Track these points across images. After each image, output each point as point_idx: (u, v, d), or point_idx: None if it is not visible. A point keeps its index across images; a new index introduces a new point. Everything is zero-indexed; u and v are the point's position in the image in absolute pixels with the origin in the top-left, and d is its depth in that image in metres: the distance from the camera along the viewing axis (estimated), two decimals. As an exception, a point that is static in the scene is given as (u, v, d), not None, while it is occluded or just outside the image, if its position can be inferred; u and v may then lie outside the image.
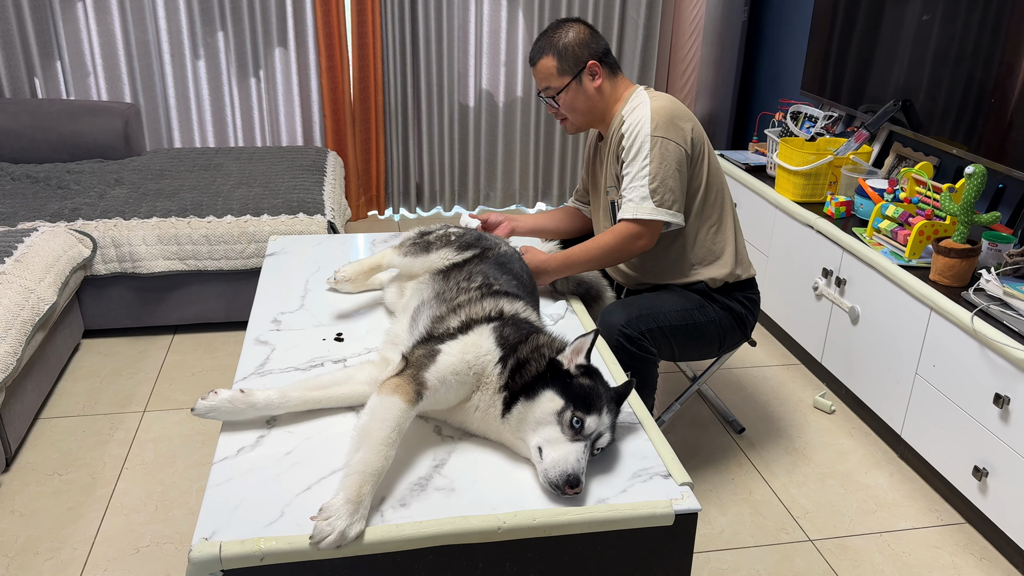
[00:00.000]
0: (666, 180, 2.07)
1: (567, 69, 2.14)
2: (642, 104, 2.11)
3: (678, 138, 2.08)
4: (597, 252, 2.15)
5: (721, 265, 2.23)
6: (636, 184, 2.08)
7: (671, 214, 2.09)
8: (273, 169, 3.56)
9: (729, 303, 2.23)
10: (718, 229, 2.22)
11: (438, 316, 1.77)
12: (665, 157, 2.06)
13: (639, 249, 2.16)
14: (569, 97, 2.16)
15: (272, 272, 2.39)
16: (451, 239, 2.10)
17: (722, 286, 2.23)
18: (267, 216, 3.06)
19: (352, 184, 4.31)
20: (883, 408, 2.54)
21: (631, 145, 2.08)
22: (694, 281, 2.23)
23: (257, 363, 1.92)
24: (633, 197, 2.08)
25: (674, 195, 2.09)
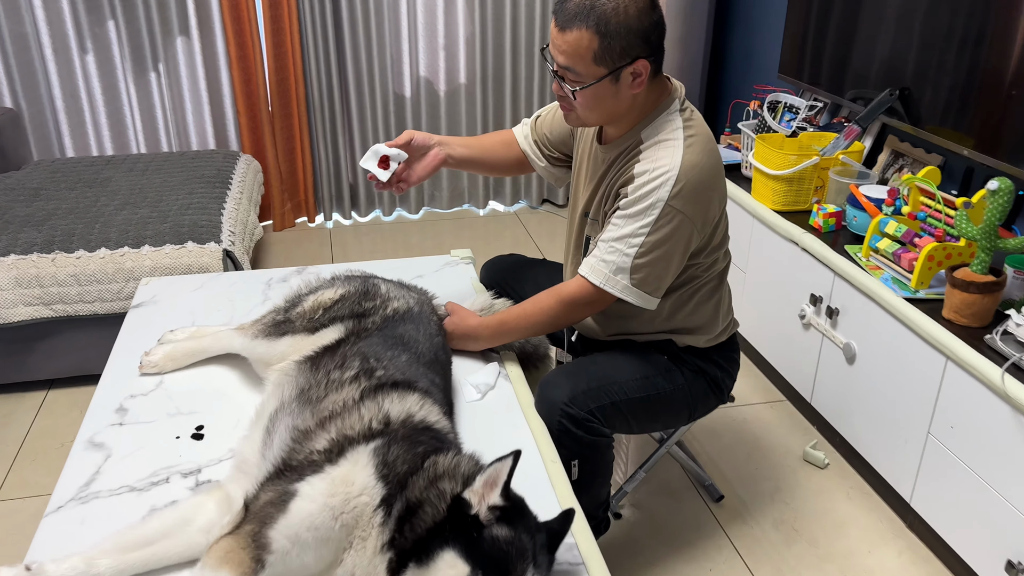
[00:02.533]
0: (658, 263, 1.60)
1: (608, 59, 1.51)
2: (672, 148, 1.58)
3: (698, 217, 1.60)
4: (540, 320, 1.71)
5: (702, 333, 1.78)
6: (620, 247, 1.60)
7: (644, 298, 1.64)
8: (168, 183, 3.05)
9: (703, 365, 1.78)
10: (708, 298, 1.77)
11: (300, 431, 1.31)
12: (671, 236, 1.58)
13: (590, 314, 1.72)
14: (592, 95, 1.56)
15: (132, 333, 1.92)
16: (315, 317, 1.64)
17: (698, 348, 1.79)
18: (148, 248, 2.55)
19: (274, 190, 3.80)
20: (887, 468, 2.12)
21: (638, 197, 1.58)
22: (663, 340, 1.77)
23: (82, 480, 1.47)
24: (608, 259, 1.61)
25: (659, 283, 1.63)
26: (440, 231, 3.92)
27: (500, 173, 2.01)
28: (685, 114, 1.62)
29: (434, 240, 3.82)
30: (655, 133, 1.61)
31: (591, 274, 1.63)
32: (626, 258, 1.59)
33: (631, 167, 1.61)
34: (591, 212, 1.74)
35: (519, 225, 4.00)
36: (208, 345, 1.78)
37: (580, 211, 1.78)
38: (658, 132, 1.60)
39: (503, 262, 2.17)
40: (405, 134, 1.78)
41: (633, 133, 1.64)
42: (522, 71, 3.92)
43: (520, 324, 1.73)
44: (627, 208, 1.59)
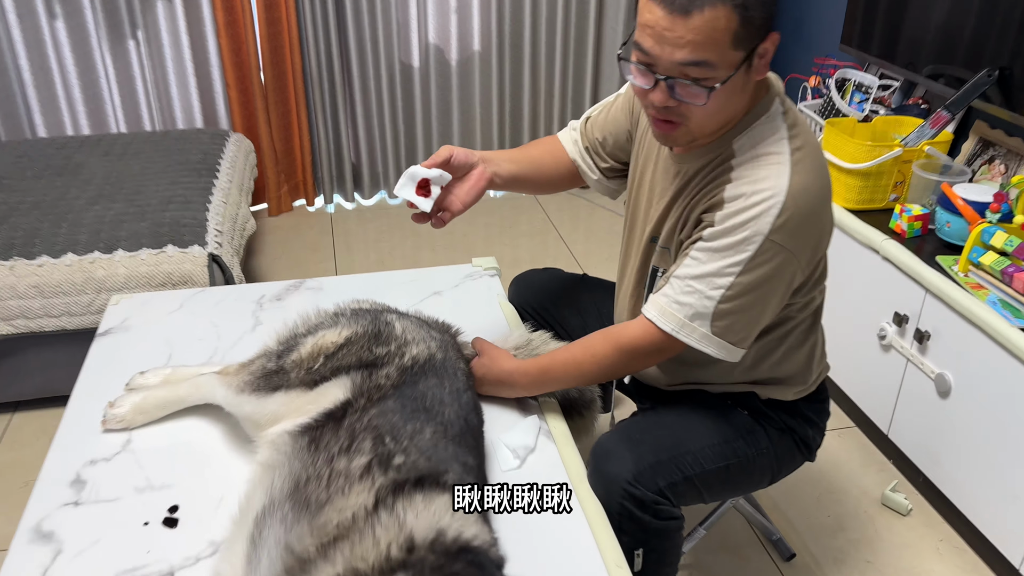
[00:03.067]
0: (750, 309, 1.26)
1: (747, 37, 1.15)
2: (776, 166, 1.22)
3: (804, 253, 1.26)
4: (591, 369, 1.38)
5: (791, 384, 1.45)
6: (702, 287, 1.26)
7: (727, 349, 1.30)
8: (148, 170, 2.69)
9: (791, 422, 1.46)
10: (800, 343, 1.43)
11: (295, 557, 1.00)
12: (769, 277, 1.24)
13: (654, 364, 1.40)
14: (726, 93, 1.19)
15: (96, 372, 1.60)
16: (314, 367, 1.31)
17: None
18: (122, 253, 2.21)
19: (269, 171, 3.43)
20: (990, 525, 1.80)
21: (730, 228, 1.23)
22: (743, 393, 1.45)
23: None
24: (684, 300, 1.27)
25: (748, 332, 1.30)
26: (452, 216, 3.57)
27: (550, 190, 1.65)
28: (789, 118, 1.26)
29: (445, 227, 3.46)
30: (753, 144, 1.25)
31: (661, 318, 1.29)
32: (708, 301, 1.25)
33: (719, 188, 1.26)
34: (660, 238, 1.39)
35: (538, 209, 3.64)
36: (185, 394, 1.46)
37: (645, 235, 1.43)
38: (756, 143, 1.25)
39: (536, 280, 1.83)
40: (443, 151, 1.40)
41: (722, 142, 1.28)
42: (542, 37, 3.52)
43: (567, 373, 1.41)
44: (713, 240, 1.24)
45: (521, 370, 1.42)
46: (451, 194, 1.41)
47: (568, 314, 1.75)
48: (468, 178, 1.43)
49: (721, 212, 1.23)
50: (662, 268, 1.38)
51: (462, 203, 1.41)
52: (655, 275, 1.41)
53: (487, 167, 1.45)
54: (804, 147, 1.24)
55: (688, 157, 1.32)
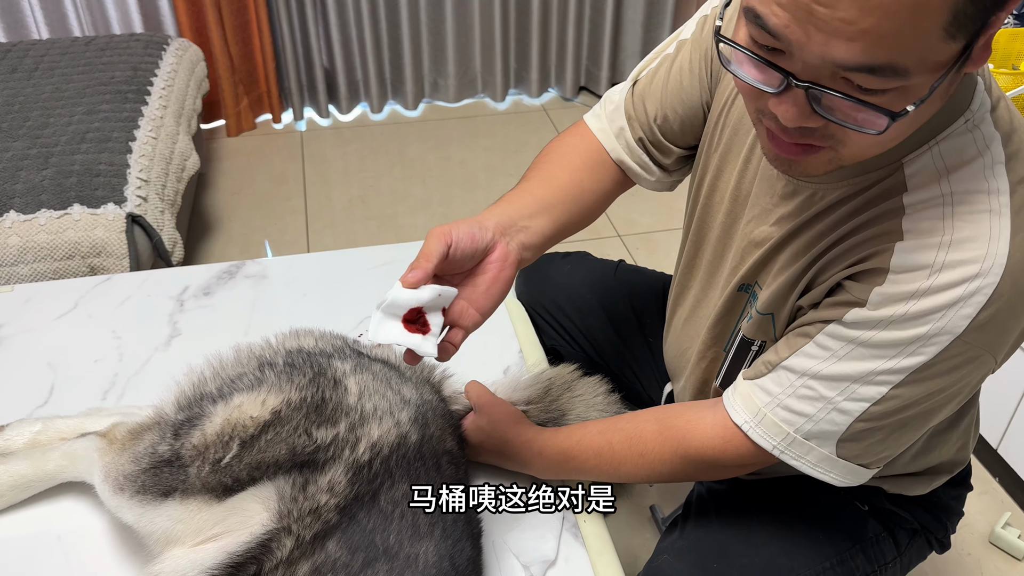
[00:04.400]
0: (900, 431, 0.78)
1: (967, 20, 0.58)
2: (988, 217, 0.69)
3: (1000, 350, 0.74)
4: (631, 471, 0.94)
5: (934, 475, 0.98)
6: (833, 395, 0.77)
7: (853, 473, 0.83)
8: (62, 91, 2.14)
9: (926, 518, 1.01)
10: (951, 426, 0.94)
11: None
12: (947, 388, 0.75)
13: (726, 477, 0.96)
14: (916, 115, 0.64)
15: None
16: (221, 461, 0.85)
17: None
18: (15, 215, 1.70)
19: (225, 82, 2.86)
20: None
21: (899, 318, 0.72)
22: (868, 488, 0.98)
23: None
24: (801, 412, 0.79)
25: (888, 455, 0.82)
26: (446, 135, 3.02)
27: (599, 215, 1.07)
28: (1001, 121, 0.73)
29: (438, 150, 2.92)
30: (942, 172, 0.72)
31: (757, 429, 0.82)
32: (842, 417, 0.77)
33: (881, 246, 0.74)
34: (760, 297, 0.87)
35: (548, 126, 3.08)
36: (54, 470, 1.02)
37: (731, 279, 0.91)
38: (948, 170, 0.71)
39: (554, 272, 1.33)
40: (433, 241, 0.81)
41: (885, 158, 0.75)
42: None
43: (599, 467, 0.95)
44: (865, 329, 0.74)
45: (534, 448, 0.97)
46: (460, 299, 0.85)
47: (597, 325, 1.27)
48: (484, 268, 0.87)
49: (883, 288, 0.72)
50: (759, 341, 0.88)
51: (480, 312, 0.86)
52: (747, 348, 0.91)
53: (509, 241, 0.89)
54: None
55: (824, 177, 0.80)
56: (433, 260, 0.80)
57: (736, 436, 0.83)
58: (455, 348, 0.86)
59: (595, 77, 3.26)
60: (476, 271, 0.87)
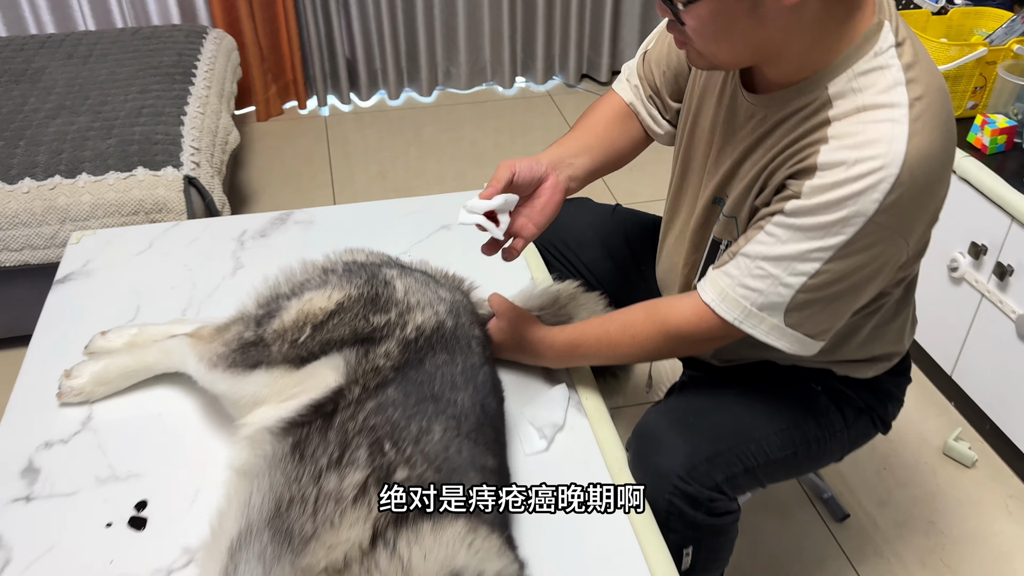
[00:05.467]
0: (834, 302, 1.00)
1: None
2: (888, 123, 0.92)
3: (914, 231, 0.98)
4: (630, 352, 1.15)
5: (876, 363, 1.21)
6: (778, 272, 0.99)
7: (800, 343, 1.04)
8: (115, 76, 2.38)
9: (871, 399, 1.23)
10: (890, 319, 1.18)
11: None
12: (867, 265, 0.97)
13: (704, 352, 1.19)
14: (709, 14, 0.92)
15: (52, 328, 1.41)
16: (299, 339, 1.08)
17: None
18: (86, 177, 1.94)
19: (256, 70, 3.10)
20: (1071, 484, 1.61)
21: (823, 206, 0.94)
22: (818, 371, 1.21)
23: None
24: (754, 285, 1.01)
25: (829, 325, 1.04)
26: (458, 119, 3.25)
27: (625, 163, 1.35)
28: (904, 54, 0.95)
29: (451, 132, 3.15)
30: (857, 90, 0.95)
31: (722, 304, 1.04)
32: (785, 290, 0.99)
33: (812, 149, 0.96)
34: (727, 204, 1.12)
35: (553, 110, 3.32)
36: (153, 362, 1.24)
37: (706, 194, 1.15)
38: (862, 89, 0.95)
39: (560, 214, 1.56)
40: (502, 171, 1.11)
41: (814, 85, 0.98)
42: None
43: (600, 352, 1.18)
44: (800, 216, 0.96)
45: (546, 341, 1.20)
46: (521, 216, 1.15)
47: (597, 257, 1.49)
48: (540, 193, 1.16)
49: (812, 182, 0.95)
50: (726, 240, 1.12)
51: (536, 225, 1.15)
52: (717, 248, 1.14)
53: (559, 173, 1.18)
54: (926, 95, 0.93)
55: (769, 100, 1.03)
56: (501, 183, 1.09)
57: (706, 313, 1.05)
58: (518, 253, 1.15)
59: (596, 65, 3.49)
60: (533, 195, 1.16)
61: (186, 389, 1.23)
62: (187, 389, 1.23)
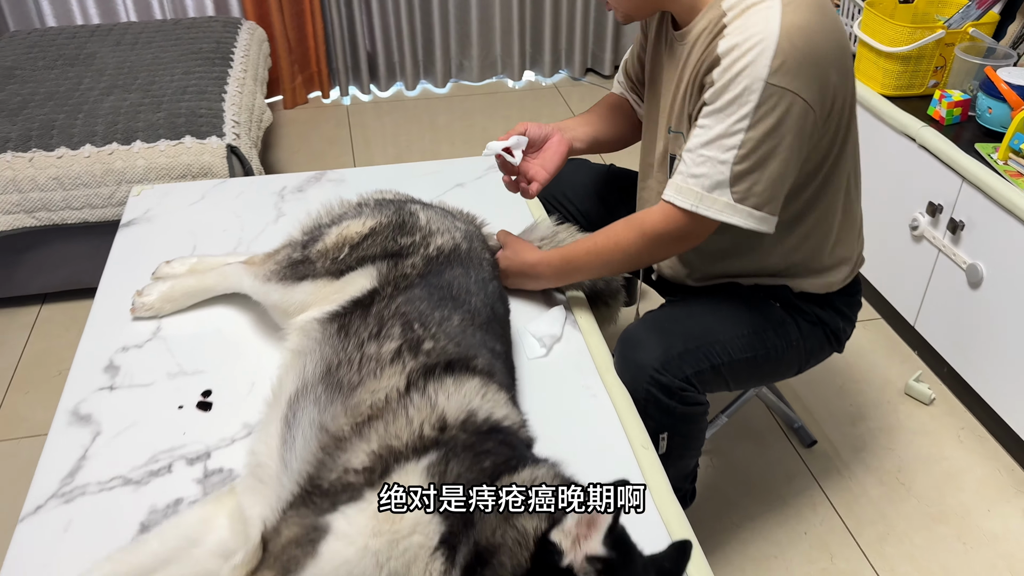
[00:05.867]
0: (766, 166, 1.20)
1: None
2: (766, 10, 1.17)
3: (811, 91, 1.19)
4: (615, 256, 1.35)
5: (827, 274, 1.42)
6: (713, 153, 1.21)
7: (755, 217, 1.24)
8: (161, 60, 2.63)
9: (821, 314, 1.44)
10: (830, 229, 1.39)
11: (329, 435, 1.01)
12: (780, 125, 1.18)
13: (683, 250, 1.36)
14: None
15: (121, 261, 1.62)
16: (339, 256, 1.30)
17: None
18: (140, 144, 2.18)
19: (283, 61, 3.34)
20: (1012, 412, 1.81)
21: (728, 82, 1.19)
22: (773, 282, 1.42)
23: (65, 469, 1.21)
24: (699, 172, 1.23)
25: (773, 192, 1.23)
26: (470, 108, 3.48)
27: (625, 144, 1.66)
28: None
29: (464, 120, 3.39)
30: (739, 5, 1.20)
31: (679, 196, 1.26)
32: (723, 166, 1.21)
33: (714, 47, 1.20)
34: (673, 124, 1.35)
35: (559, 100, 3.55)
36: (213, 283, 1.46)
37: (664, 128, 1.39)
38: (744, 1, 1.20)
39: (561, 171, 1.79)
40: (519, 125, 1.47)
41: (713, 6, 1.24)
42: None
43: (590, 262, 1.39)
44: (715, 100, 1.20)
45: (544, 261, 1.41)
46: (534, 164, 1.46)
47: (593, 206, 1.72)
48: (548, 146, 1.48)
49: (717, 69, 1.19)
50: (679, 153, 1.34)
51: (547, 171, 1.45)
52: (673, 162, 1.37)
53: (564, 133, 1.50)
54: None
55: (686, 32, 1.29)
56: (517, 131, 1.43)
57: (671, 210, 1.27)
58: (535, 193, 1.45)
59: (600, 59, 3.72)
60: (543, 147, 1.48)
61: (241, 307, 1.45)
62: (242, 307, 1.45)
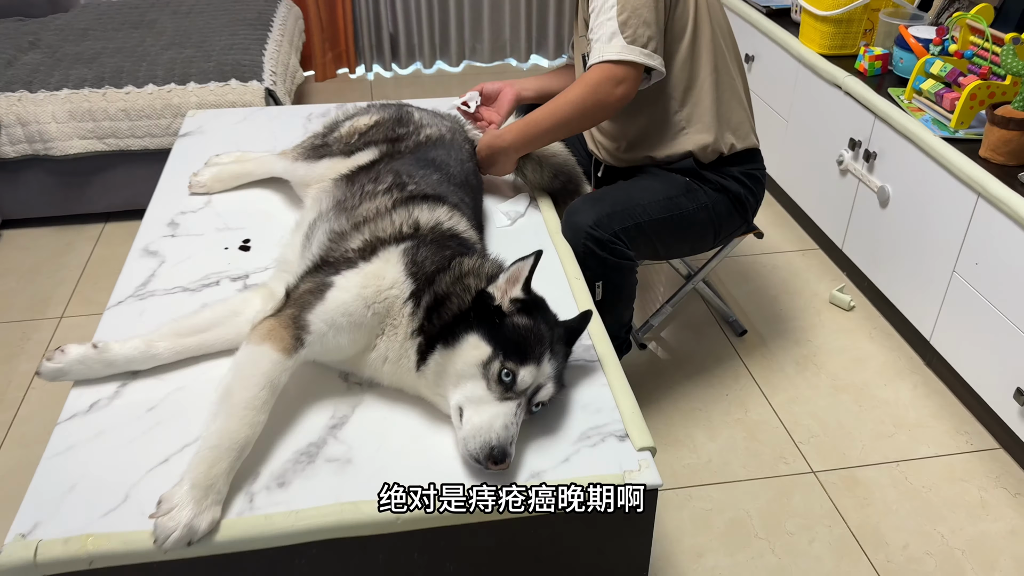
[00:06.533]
0: (638, 10, 1.61)
1: None
2: None
3: None
4: (566, 110, 1.67)
5: (711, 129, 1.78)
6: (603, 20, 1.63)
7: (646, 54, 1.62)
8: (211, 25, 3.07)
9: (723, 182, 1.81)
10: (712, 83, 1.77)
11: (336, 233, 1.39)
12: None
13: (617, 99, 1.65)
14: None
15: (181, 158, 2.01)
16: (351, 141, 1.69)
17: (715, 160, 1.80)
18: (194, 84, 2.61)
19: (315, 38, 3.78)
20: (911, 308, 2.16)
21: None
22: (680, 154, 1.80)
23: (139, 282, 1.58)
24: (600, 36, 1.63)
25: (649, 30, 1.62)
26: (481, 84, 3.89)
27: None
28: None
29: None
30: None
31: (595, 55, 1.64)
32: (609, 22, 1.62)
33: None
34: (579, 32, 1.82)
35: (561, 79, 3.95)
36: (252, 168, 1.85)
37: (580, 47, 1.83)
38: None
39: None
40: (476, 87, 1.97)
41: None
42: (568, -86, 3.77)
43: (547, 121, 1.70)
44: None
45: (508, 128, 1.76)
46: (489, 111, 1.95)
47: None
48: (501, 97, 1.96)
49: None
50: (586, 52, 1.74)
51: (499, 114, 1.94)
52: (586, 59, 1.75)
53: (512, 87, 1.96)
54: None
55: None
56: (474, 90, 1.89)
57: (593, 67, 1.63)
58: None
59: (600, 45, 4.12)
60: (498, 98, 1.94)
61: (274, 189, 1.84)
62: (275, 189, 1.84)
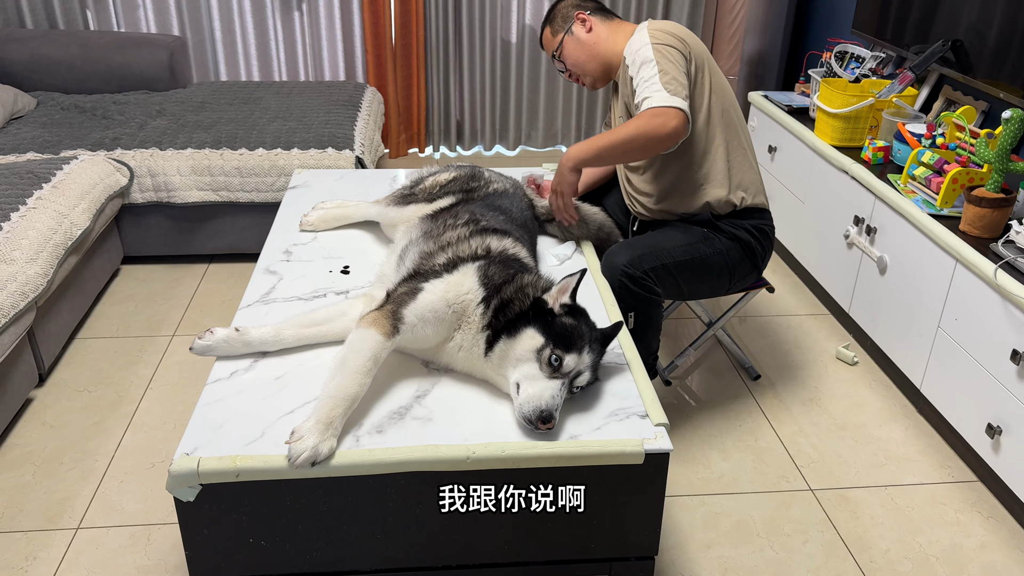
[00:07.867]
0: (676, 77, 2.01)
1: (559, 28, 2.26)
2: (640, 30, 2.10)
3: (677, 43, 2.07)
4: (624, 134, 2.01)
5: (724, 185, 2.17)
6: (648, 83, 2.02)
7: (679, 101, 1.98)
8: (310, 104, 3.59)
9: (736, 232, 2.18)
10: (725, 149, 2.17)
11: (426, 253, 1.79)
12: (669, 56, 2.03)
13: (668, 133, 1.96)
14: (568, 51, 2.24)
15: (291, 204, 2.44)
16: (433, 192, 2.11)
17: (729, 213, 2.19)
18: (297, 150, 3.10)
19: (392, 121, 4.31)
20: (904, 361, 2.47)
21: (635, 60, 2.06)
22: (699, 207, 2.18)
23: (263, 291, 1.98)
24: (648, 94, 2.00)
25: (684, 88, 2.01)
26: (534, 167, 4.36)
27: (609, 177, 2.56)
28: (653, 22, 2.12)
29: (529, 172, 4.27)
30: (629, 41, 2.13)
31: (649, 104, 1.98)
32: (655, 82, 1.99)
33: (626, 66, 2.11)
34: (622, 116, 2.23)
35: (606, 164, 4.40)
36: (351, 212, 2.28)
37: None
38: (631, 39, 2.12)
39: None
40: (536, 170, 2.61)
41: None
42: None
43: (607, 139, 2.05)
44: (635, 73, 2.06)
45: (573, 145, 2.15)
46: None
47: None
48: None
49: (629, 61, 2.09)
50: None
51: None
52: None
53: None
54: (657, 22, 2.10)
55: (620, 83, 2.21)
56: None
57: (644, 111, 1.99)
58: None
59: (643, 137, 4.59)
60: None
61: (368, 231, 2.26)
62: (369, 231, 2.26)
